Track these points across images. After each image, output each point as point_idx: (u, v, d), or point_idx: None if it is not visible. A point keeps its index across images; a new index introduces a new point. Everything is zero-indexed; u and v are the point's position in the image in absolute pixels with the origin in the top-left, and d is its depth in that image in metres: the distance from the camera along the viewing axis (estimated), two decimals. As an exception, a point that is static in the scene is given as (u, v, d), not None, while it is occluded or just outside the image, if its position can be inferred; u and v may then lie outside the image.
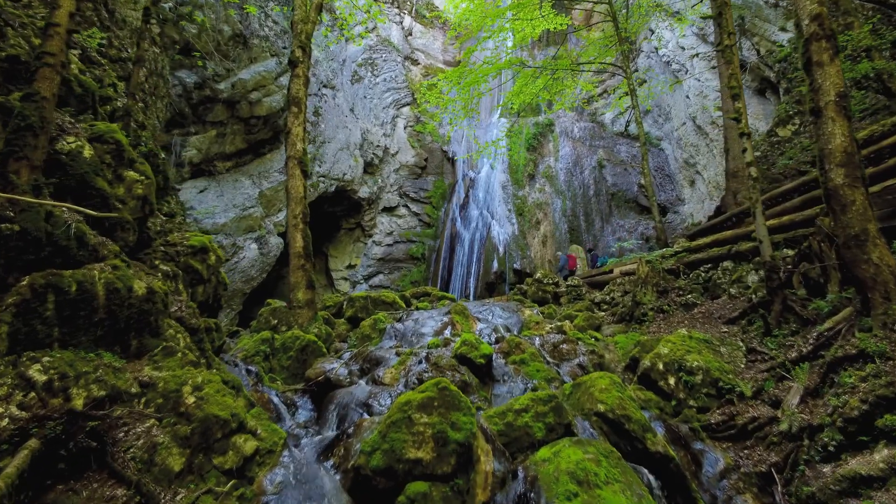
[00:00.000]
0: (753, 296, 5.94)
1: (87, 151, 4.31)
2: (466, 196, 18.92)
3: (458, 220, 18.16)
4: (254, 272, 13.96)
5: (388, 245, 19.06)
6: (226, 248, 13.73)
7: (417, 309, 8.77)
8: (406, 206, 19.76)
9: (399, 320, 7.96)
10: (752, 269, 6.22)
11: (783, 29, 14.36)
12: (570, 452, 3.25)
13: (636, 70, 19.22)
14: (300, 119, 8.56)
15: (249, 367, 5.89)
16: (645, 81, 18.31)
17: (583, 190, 17.74)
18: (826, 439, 3.65)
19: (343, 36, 14.69)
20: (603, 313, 7.67)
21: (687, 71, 17.09)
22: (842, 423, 3.61)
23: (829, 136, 4.59)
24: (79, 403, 2.95)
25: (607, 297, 7.87)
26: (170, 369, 3.93)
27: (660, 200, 17.62)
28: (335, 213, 19.41)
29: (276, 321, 7.93)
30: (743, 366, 5.30)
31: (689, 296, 6.76)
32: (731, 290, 6.37)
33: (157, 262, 4.88)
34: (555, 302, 8.81)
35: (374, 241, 19.14)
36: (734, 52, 6.36)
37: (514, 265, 15.62)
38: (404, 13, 23.71)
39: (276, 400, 5.37)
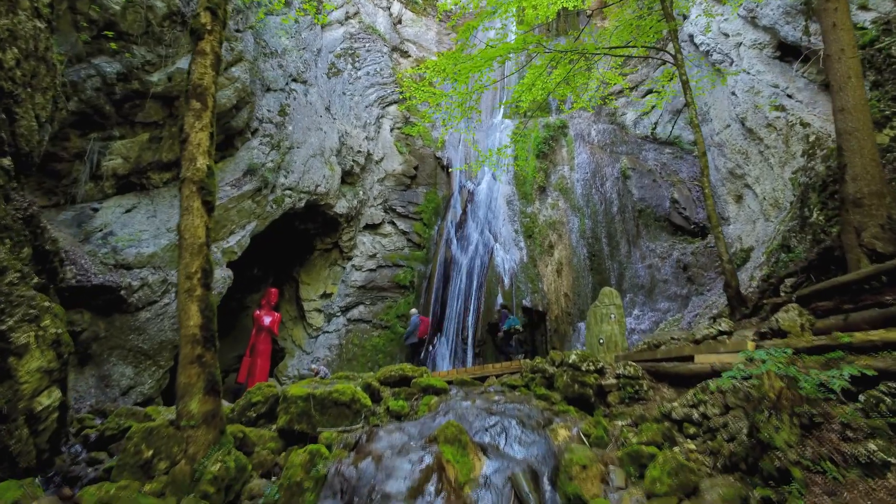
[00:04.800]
0: None
1: None
2: (464, 212, 15.80)
3: (454, 241, 15.04)
4: (190, 317, 10.81)
5: (371, 270, 15.93)
6: (152, 287, 10.60)
7: (388, 412, 5.69)
8: (392, 222, 16.63)
9: (354, 449, 4.88)
10: None
11: (864, 7, 11.38)
12: None
13: (663, 64, 16.19)
14: (204, 120, 5.46)
15: None
16: (675, 76, 15.27)
17: (604, 206, 14.65)
18: None
19: (302, 10, 11.62)
20: (691, 444, 4.61)
21: (732, 62, 14.07)
22: None
23: None
24: None
25: (694, 414, 4.81)
26: None
27: (697, 219, 14.58)
28: (308, 232, 16.28)
29: (150, 453, 4.84)
30: None
31: (872, 444, 3.72)
32: (971, 449, 3.32)
33: None
34: (600, 401, 5.75)
35: (353, 266, 16.01)
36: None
37: (524, 301, 12.55)
38: (392, -2, 20.64)
39: None
